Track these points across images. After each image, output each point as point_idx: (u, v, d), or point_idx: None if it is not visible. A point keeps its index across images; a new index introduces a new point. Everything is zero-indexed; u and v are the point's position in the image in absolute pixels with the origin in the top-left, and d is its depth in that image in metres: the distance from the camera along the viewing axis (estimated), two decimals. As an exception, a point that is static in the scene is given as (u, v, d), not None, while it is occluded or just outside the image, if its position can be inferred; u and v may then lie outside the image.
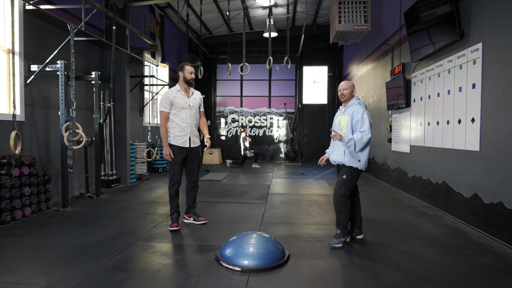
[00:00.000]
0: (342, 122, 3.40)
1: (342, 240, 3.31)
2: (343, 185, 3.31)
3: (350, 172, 3.33)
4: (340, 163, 3.39)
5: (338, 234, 3.32)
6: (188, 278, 2.59)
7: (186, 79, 3.87)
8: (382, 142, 7.52)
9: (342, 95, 3.45)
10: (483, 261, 2.97)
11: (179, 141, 3.88)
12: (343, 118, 3.42)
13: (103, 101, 6.33)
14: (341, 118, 3.44)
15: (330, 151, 3.59)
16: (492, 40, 3.68)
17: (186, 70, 3.88)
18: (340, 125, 3.42)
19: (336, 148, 3.45)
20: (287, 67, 6.56)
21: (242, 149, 10.53)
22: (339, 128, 3.43)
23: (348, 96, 3.44)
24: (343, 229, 3.31)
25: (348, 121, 3.34)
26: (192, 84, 3.93)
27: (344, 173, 3.35)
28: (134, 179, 7.14)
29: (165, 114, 3.88)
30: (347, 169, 3.34)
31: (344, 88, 3.44)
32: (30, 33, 4.83)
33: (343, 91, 3.44)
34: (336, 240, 3.30)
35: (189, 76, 3.88)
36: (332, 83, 12.61)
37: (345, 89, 3.44)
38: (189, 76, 3.88)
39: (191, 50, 11.92)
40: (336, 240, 3.30)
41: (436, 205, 4.92)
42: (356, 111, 3.31)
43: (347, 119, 3.35)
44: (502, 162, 3.47)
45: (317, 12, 10.86)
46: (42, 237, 3.49)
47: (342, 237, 3.32)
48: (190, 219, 4.12)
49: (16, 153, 4.04)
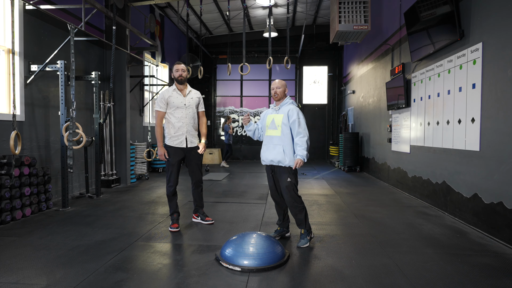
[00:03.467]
0: (276, 121, 3.35)
1: (308, 239, 3.30)
2: (292, 189, 3.27)
3: (293, 173, 3.29)
4: (279, 163, 3.30)
5: (303, 234, 3.31)
6: (188, 278, 2.59)
7: (175, 77, 3.84)
8: (382, 142, 7.52)
9: (275, 94, 3.41)
10: (483, 261, 2.97)
11: (175, 141, 3.83)
12: (277, 116, 3.36)
13: (103, 101, 6.33)
14: (275, 117, 3.38)
15: (263, 150, 3.44)
16: (492, 40, 3.68)
17: (174, 68, 3.85)
18: (274, 123, 3.36)
19: (271, 147, 3.36)
20: (287, 67, 6.56)
21: (225, 138, 10.49)
22: (273, 127, 3.36)
23: (281, 94, 3.41)
24: (308, 228, 3.31)
25: (283, 119, 3.30)
26: (181, 81, 3.83)
27: (286, 176, 3.27)
28: (134, 179, 7.14)
29: (160, 114, 3.85)
30: (287, 171, 3.28)
31: (278, 86, 3.41)
32: (30, 33, 4.83)
33: (277, 89, 3.40)
34: (304, 240, 3.28)
35: (176, 74, 3.81)
36: (332, 83, 12.62)
37: (278, 88, 3.40)
38: (176, 73, 3.81)
39: (191, 50, 11.92)
40: (303, 240, 3.28)
41: (436, 205, 4.92)
42: (292, 111, 3.31)
43: (281, 117, 3.32)
44: (502, 162, 3.47)
45: (317, 12, 10.86)
46: (42, 237, 3.49)
47: (307, 235, 3.30)
48: (198, 219, 4.13)
49: (16, 153, 4.04)
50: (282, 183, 3.32)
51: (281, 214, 3.53)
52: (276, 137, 3.33)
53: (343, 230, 3.86)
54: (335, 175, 8.59)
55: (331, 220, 4.27)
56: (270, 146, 3.37)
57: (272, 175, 3.45)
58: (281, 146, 3.30)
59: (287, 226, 3.58)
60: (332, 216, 4.49)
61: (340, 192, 6.18)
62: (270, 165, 3.41)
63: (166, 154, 3.81)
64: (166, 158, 3.82)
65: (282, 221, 3.55)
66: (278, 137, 3.32)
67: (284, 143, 3.29)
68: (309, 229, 3.34)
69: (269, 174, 3.48)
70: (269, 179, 3.51)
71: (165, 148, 3.85)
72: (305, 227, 3.30)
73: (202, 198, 4.13)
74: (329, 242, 3.45)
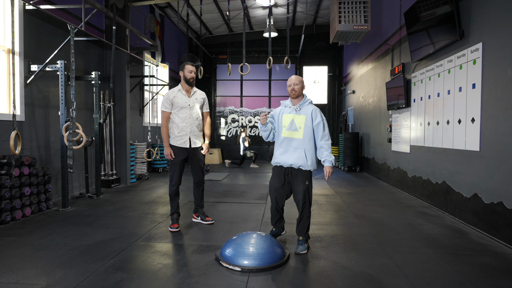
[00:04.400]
0: (297, 122, 3.14)
1: (307, 246, 3.20)
2: (309, 192, 3.15)
3: (310, 177, 3.18)
4: (300, 167, 3.15)
5: (301, 240, 3.19)
6: (188, 278, 2.59)
7: (186, 78, 3.86)
8: (382, 142, 7.52)
9: (293, 91, 3.17)
10: (483, 261, 2.97)
11: (179, 141, 3.87)
12: (299, 117, 3.15)
13: (103, 101, 6.33)
14: (295, 117, 3.15)
15: (280, 153, 3.23)
16: (492, 40, 3.68)
17: (186, 69, 3.87)
18: (295, 125, 3.15)
19: (290, 150, 3.17)
20: (287, 67, 6.56)
21: (242, 149, 10.55)
22: (293, 128, 3.15)
23: (300, 92, 3.19)
24: (307, 236, 3.24)
25: (306, 121, 3.12)
26: (192, 83, 3.89)
27: (305, 179, 3.14)
28: (134, 179, 7.14)
29: (165, 114, 3.89)
30: (306, 174, 3.15)
31: (295, 83, 3.18)
32: (30, 33, 4.83)
33: (294, 86, 3.17)
34: (302, 246, 3.15)
35: (188, 75, 3.85)
36: (332, 83, 12.62)
37: (296, 85, 3.17)
38: (189, 75, 3.86)
39: (191, 50, 11.92)
40: (302, 247, 3.15)
41: (436, 205, 4.92)
42: (315, 112, 3.16)
43: (304, 119, 3.13)
44: (502, 162, 3.47)
45: (317, 12, 10.86)
46: (42, 237, 3.49)
47: (305, 242, 3.21)
48: (198, 219, 4.14)
49: (16, 153, 4.04)
50: (299, 186, 3.15)
51: (277, 216, 3.42)
52: (297, 140, 3.14)
53: (343, 230, 3.86)
54: (335, 175, 8.59)
55: (331, 220, 4.27)
56: (290, 149, 3.16)
57: (285, 178, 3.23)
58: (302, 149, 3.12)
59: (283, 226, 3.50)
60: (332, 216, 4.49)
61: (340, 192, 6.18)
62: (287, 167, 3.21)
63: (172, 154, 3.84)
64: (172, 158, 3.84)
65: (278, 221, 3.45)
66: (300, 140, 3.13)
67: (306, 147, 3.12)
68: (308, 238, 3.27)
69: (281, 177, 3.24)
70: (278, 181, 3.26)
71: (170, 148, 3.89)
72: (304, 236, 3.21)
73: (203, 198, 4.14)
74: (329, 242, 3.45)
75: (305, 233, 3.21)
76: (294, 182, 3.21)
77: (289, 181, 3.24)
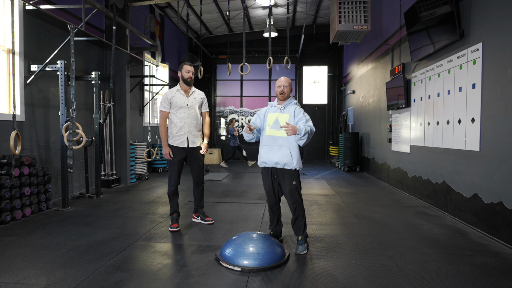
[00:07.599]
0: (281, 120, 3.14)
1: (306, 246, 3.19)
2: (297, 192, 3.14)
3: (297, 176, 3.17)
4: (285, 165, 3.13)
5: (301, 240, 3.17)
6: (188, 278, 2.59)
7: (183, 78, 3.87)
8: (382, 142, 7.52)
9: (282, 92, 3.22)
10: (483, 261, 2.97)
11: (177, 141, 3.87)
12: (282, 116, 3.17)
13: (103, 101, 6.32)
14: (279, 116, 3.18)
15: (265, 152, 3.22)
16: (492, 40, 3.68)
17: (184, 69, 3.88)
18: (279, 123, 3.15)
19: (275, 148, 3.16)
20: (287, 67, 6.56)
21: (232, 142, 10.70)
22: (277, 127, 3.15)
23: (288, 93, 3.24)
24: (306, 235, 3.23)
25: (289, 119, 3.13)
26: (190, 83, 3.89)
27: (292, 179, 3.14)
28: (134, 179, 7.14)
29: (164, 114, 3.90)
30: (293, 174, 3.14)
31: (285, 85, 3.22)
32: (30, 33, 4.83)
33: (284, 88, 3.22)
34: (302, 247, 3.13)
35: (186, 75, 3.85)
36: (332, 83, 12.62)
37: (286, 87, 3.22)
38: (187, 75, 3.86)
39: (191, 50, 11.92)
40: (301, 247, 3.13)
41: (436, 205, 4.92)
42: (298, 110, 3.18)
43: (287, 117, 3.14)
44: (502, 162, 3.47)
45: (317, 12, 10.86)
46: (42, 237, 3.49)
47: (305, 242, 3.20)
48: (197, 219, 4.14)
49: (16, 153, 4.04)
50: (285, 186, 3.16)
51: (275, 219, 3.42)
52: (281, 138, 3.13)
53: (343, 230, 3.86)
54: (335, 175, 8.59)
55: (331, 220, 4.27)
56: (274, 147, 3.16)
57: (272, 179, 3.25)
58: (287, 147, 3.11)
59: (280, 231, 3.48)
60: (332, 216, 4.49)
61: (340, 192, 6.18)
62: (272, 168, 3.21)
63: (171, 153, 3.84)
64: (171, 157, 3.85)
65: (275, 225, 3.44)
66: (284, 138, 3.12)
67: (290, 144, 3.12)
68: (307, 236, 3.26)
69: (269, 178, 3.26)
70: (267, 183, 3.29)
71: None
72: (302, 234, 3.20)
73: (203, 198, 4.14)
74: (329, 242, 3.45)
75: (303, 231, 3.21)
76: (281, 183, 3.22)
77: (278, 181, 3.26)
